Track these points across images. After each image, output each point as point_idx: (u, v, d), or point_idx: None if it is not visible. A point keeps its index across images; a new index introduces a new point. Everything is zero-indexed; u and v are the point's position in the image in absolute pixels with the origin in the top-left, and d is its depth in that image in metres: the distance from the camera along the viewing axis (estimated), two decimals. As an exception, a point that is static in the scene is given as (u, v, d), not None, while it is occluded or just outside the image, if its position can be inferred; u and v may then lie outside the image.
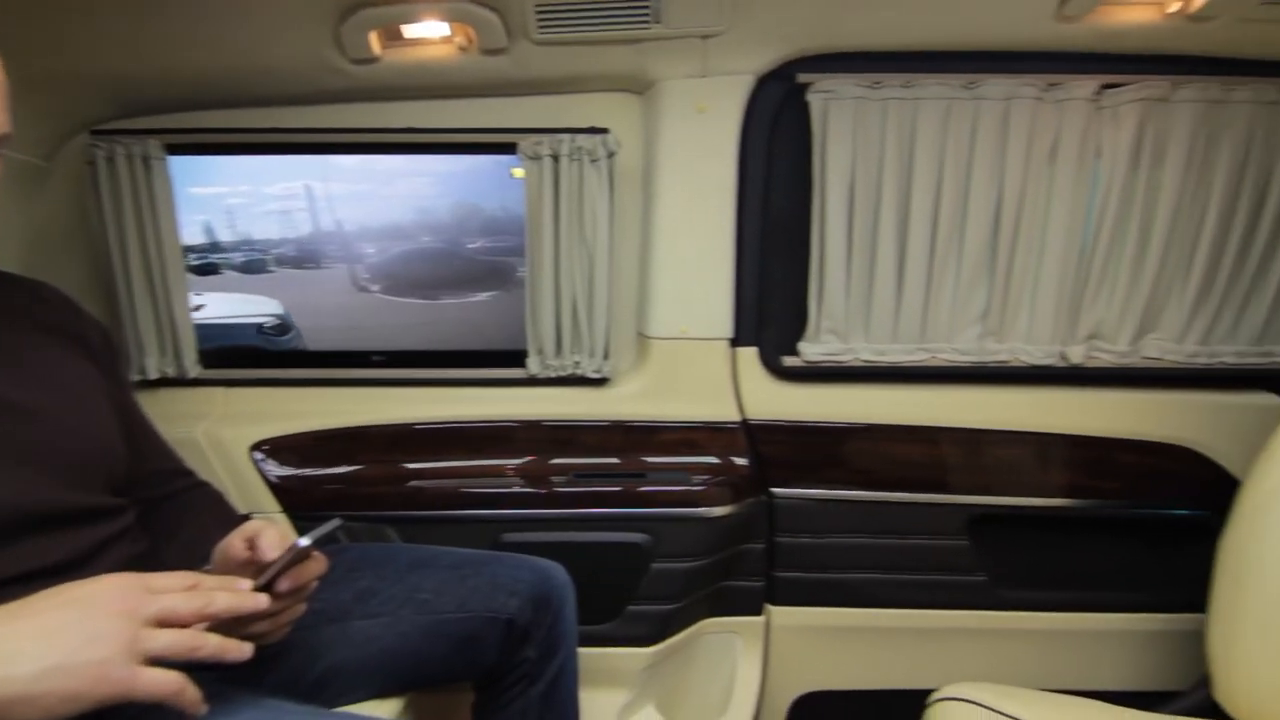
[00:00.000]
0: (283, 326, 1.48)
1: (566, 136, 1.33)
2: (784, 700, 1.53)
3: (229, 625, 0.67)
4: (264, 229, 1.42)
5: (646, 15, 1.21)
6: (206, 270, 1.44)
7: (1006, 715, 1.16)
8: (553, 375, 1.45)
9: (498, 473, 1.42)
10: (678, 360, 1.45)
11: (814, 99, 1.33)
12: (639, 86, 1.40)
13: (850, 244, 1.39)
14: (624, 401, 1.46)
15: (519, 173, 1.37)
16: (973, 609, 1.47)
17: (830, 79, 1.32)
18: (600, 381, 1.47)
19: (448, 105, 1.42)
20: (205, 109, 1.41)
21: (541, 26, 1.22)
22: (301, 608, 0.83)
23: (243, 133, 1.39)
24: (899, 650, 1.49)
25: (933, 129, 1.33)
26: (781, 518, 1.46)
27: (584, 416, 1.46)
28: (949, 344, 1.43)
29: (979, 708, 1.17)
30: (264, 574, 0.72)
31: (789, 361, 1.47)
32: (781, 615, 1.48)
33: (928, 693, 1.24)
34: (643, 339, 1.49)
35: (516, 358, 1.46)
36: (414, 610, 1.00)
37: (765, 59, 1.32)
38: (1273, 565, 1.15)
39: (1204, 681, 1.29)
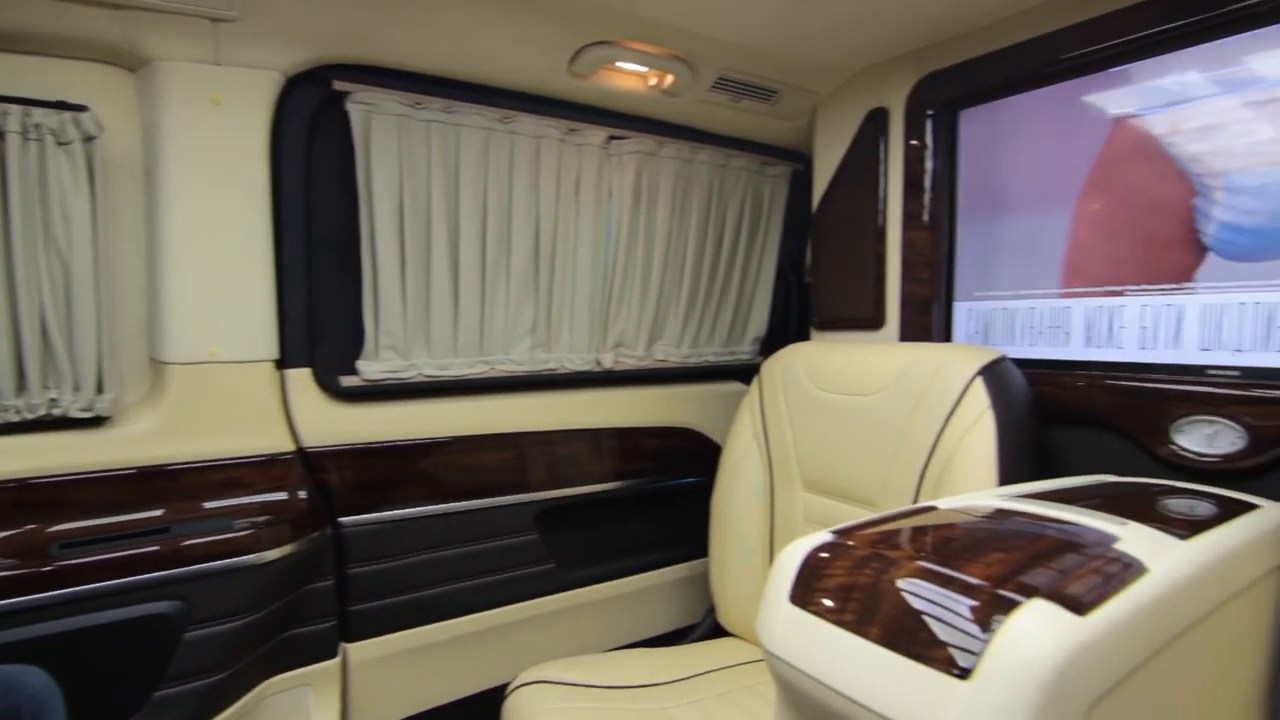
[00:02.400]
0: None
1: (16, 108, 1.02)
2: None
3: None
4: None
5: (129, -21, 1.01)
6: None
7: (570, 684, 1.30)
8: (16, 420, 1.10)
9: None
10: (208, 388, 1.24)
11: (354, 110, 1.30)
12: (129, 62, 1.16)
13: (404, 261, 1.38)
14: (134, 443, 1.19)
15: (-71, 148, 1.01)
16: (544, 595, 1.60)
17: (370, 91, 1.30)
18: (95, 422, 1.17)
19: None
20: None
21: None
22: None
23: None
24: (483, 652, 1.54)
25: (475, 156, 1.41)
26: (352, 547, 1.37)
27: (73, 468, 1.14)
28: (506, 355, 1.54)
29: (548, 684, 1.29)
30: None
31: (348, 382, 1.39)
32: (360, 651, 1.39)
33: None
34: (157, 365, 1.24)
35: (-52, 400, 1.07)
36: None
37: (293, 58, 1.23)
38: (739, 513, 1.54)
39: (711, 610, 1.65)
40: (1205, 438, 1.09)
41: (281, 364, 1.32)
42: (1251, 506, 0.88)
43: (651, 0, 1.22)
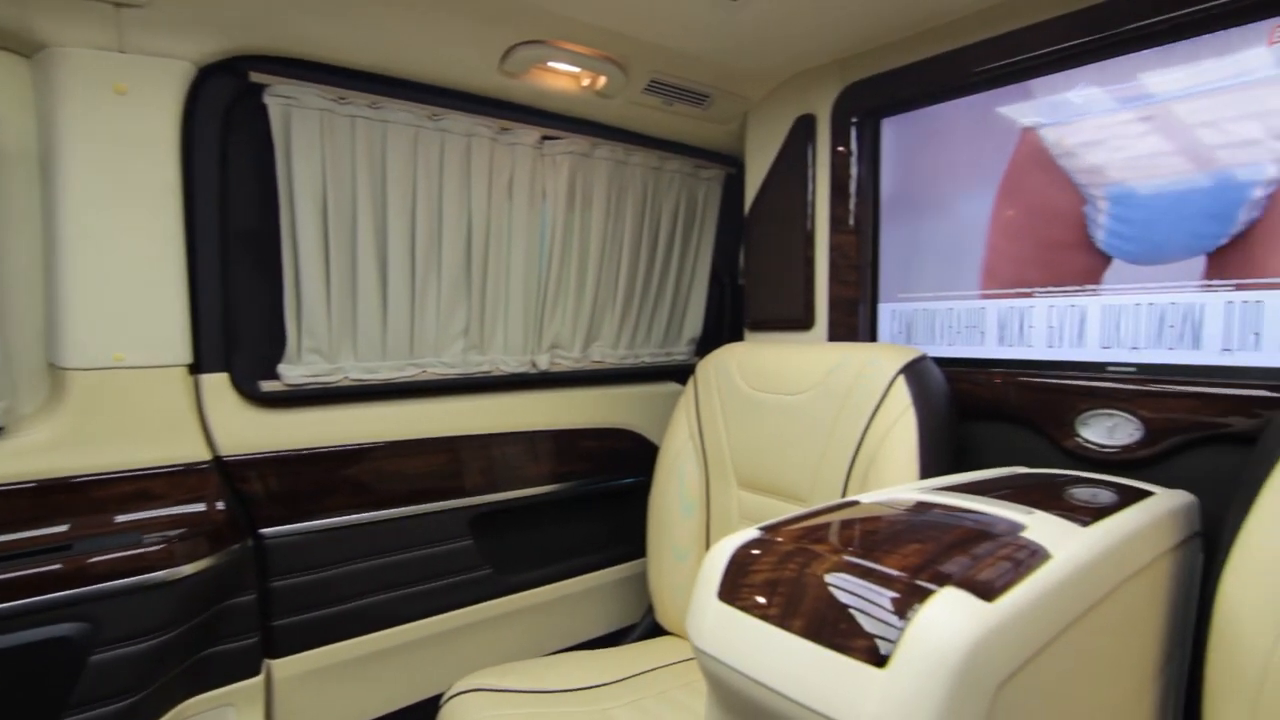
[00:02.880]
0: None
1: None
2: None
3: None
4: None
5: (21, -42, 0.94)
6: None
7: (508, 690, 1.28)
8: (-109, 432, 1.01)
9: None
10: (114, 395, 1.17)
11: (272, 103, 1.25)
12: (23, 47, 1.08)
13: (329, 261, 1.34)
14: (31, 455, 1.11)
15: None
16: (480, 602, 1.58)
17: (290, 84, 1.26)
18: None
19: None
20: None
21: None
22: None
23: None
24: (417, 663, 1.51)
25: (403, 153, 1.38)
26: (276, 560, 1.32)
27: None
28: (437, 358, 1.51)
29: (485, 692, 1.27)
30: None
31: (269, 386, 1.34)
32: (285, 667, 1.34)
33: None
34: (57, 372, 1.16)
35: None
36: None
37: (206, 47, 1.17)
38: (672, 509, 1.55)
39: (650, 610, 1.65)
40: (1106, 430, 1.16)
41: (195, 369, 1.26)
42: (1147, 493, 0.95)
43: (582, 1, 1.22)
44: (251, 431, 1.31)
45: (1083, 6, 1.15)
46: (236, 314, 1.32)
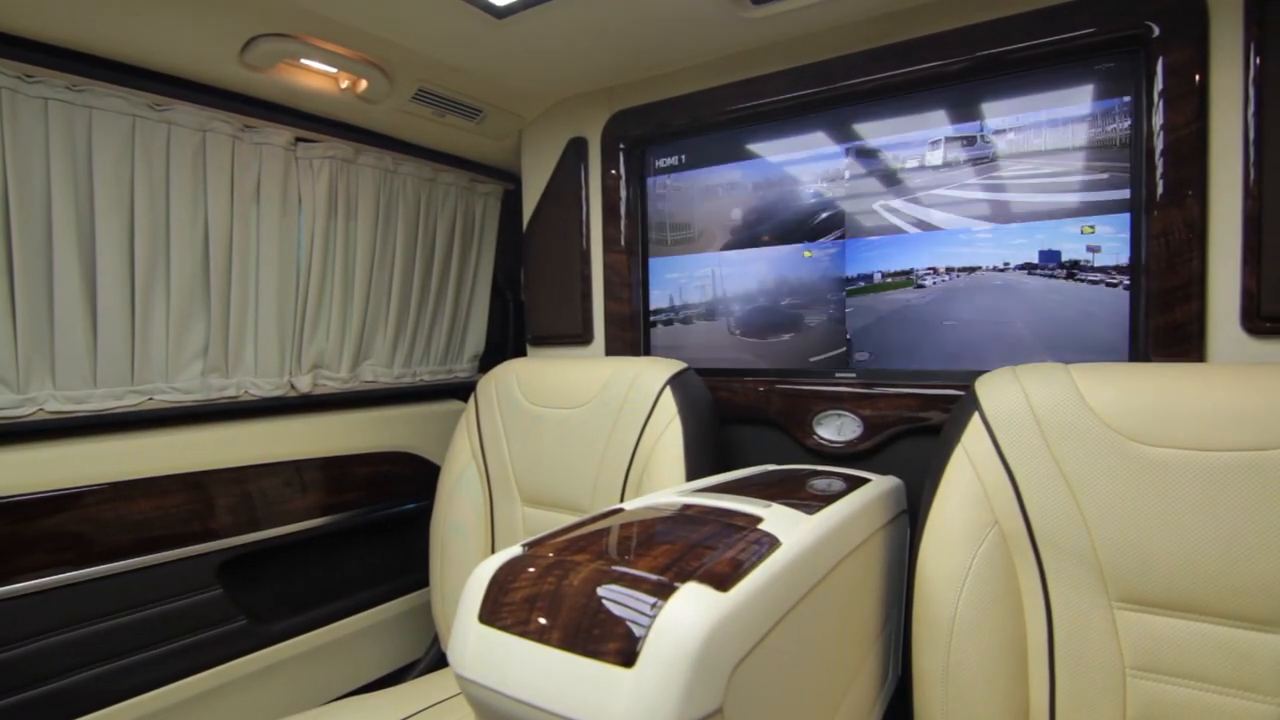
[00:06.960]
0: None
1: None
2: None
3: None
4: None
5: None
6: None
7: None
8: None
9: None
10: None
11: (-81, 74, 1.01)
12: None
13: (11, 267, 1.10)
14: None
15: None
16: (236, 657, 1.39)
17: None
18: None
19: None
20: None
21: None
22: None
23: None
24: None
25: (116, 145, 1.19)
26: None
27: None
28: (169, 384, 1.31)
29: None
30: None
31: (-79, 426, 1.07)
32: None
33: None
34: None
35: None
36: None
37: None
38: (459, 535, 1.49)
39: (436, 641, 1.57)
40: (836, 428, 1.34)
41: None
42: (866, 480, 1.10)
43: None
44: None
45: (808, 62, 1.33)
46: None
